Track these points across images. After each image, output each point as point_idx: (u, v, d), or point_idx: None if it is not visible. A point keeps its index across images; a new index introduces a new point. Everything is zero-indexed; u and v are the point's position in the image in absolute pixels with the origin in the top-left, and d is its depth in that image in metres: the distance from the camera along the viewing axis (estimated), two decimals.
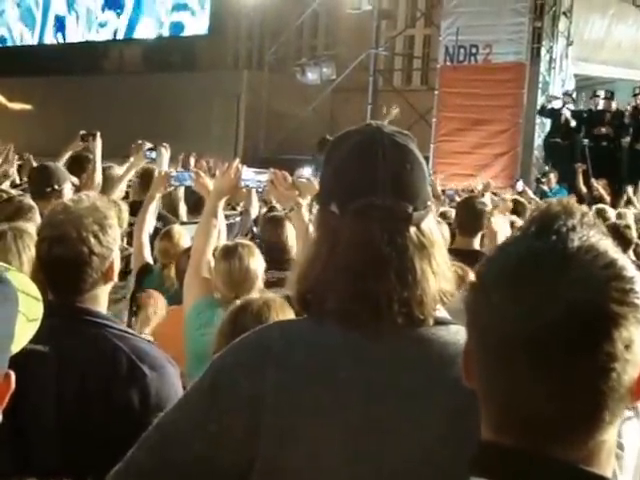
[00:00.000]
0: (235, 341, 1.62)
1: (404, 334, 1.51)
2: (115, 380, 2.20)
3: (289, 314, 2.37)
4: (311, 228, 3.06)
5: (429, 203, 1.59)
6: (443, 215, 7.51)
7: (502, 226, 5.19)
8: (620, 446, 2.18)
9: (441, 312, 1.59)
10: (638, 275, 1.06)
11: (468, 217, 5.29)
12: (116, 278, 2.41)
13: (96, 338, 2.25)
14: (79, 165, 6.14)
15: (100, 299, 2.33)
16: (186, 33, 21.72)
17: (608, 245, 1.07)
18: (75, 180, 5.48)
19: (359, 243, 1.51)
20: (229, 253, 3.50)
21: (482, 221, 5.21)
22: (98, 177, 6.21)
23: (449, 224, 6.47)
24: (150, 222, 4.82)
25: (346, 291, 1.51)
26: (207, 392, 1.55)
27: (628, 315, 1.03)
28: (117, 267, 2.38)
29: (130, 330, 2.50)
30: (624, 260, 1.07)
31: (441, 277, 1.56)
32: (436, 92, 17.41)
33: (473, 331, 1.11)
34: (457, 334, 1.54)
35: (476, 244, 5.15)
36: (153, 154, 6.41)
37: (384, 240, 1.51)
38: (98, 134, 6.55)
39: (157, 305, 3.99)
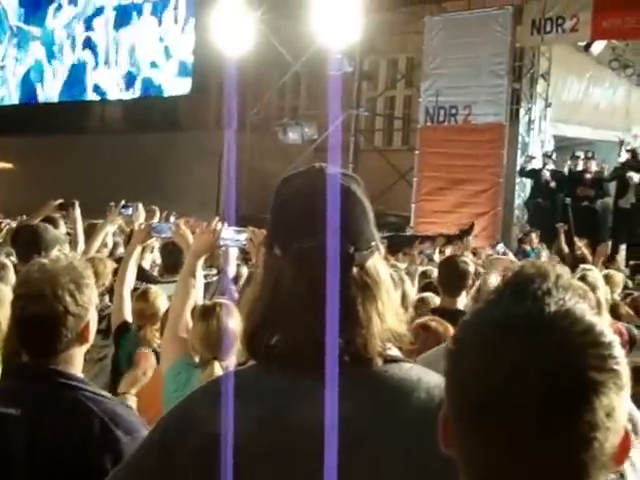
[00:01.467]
0: (188, 394, 1.64)
1: (351, 374, 1.47)
2: (88, 444, 2.16)
3: None
4: None
5: (373, 244, 1.58)
6: (424, 274, 7.49)
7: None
8: None
9: (392, 351, 1.58)
10: (616, 340, 1.04)
11: (451, 277, 5.22)
12: (92, 339, 2.35)
13: (69, 401, 2.20)
14: None
15: (75, 360, 2.28)
16: (168, 93, 21.91)
17: (585, 309, 1.05)
18: (64, 239, 5.44)
19: (300, 286, 1.51)
20: (207, 313, 3.42)
21: (466, 280, 5.14)
22: (81, 245, 6.23)
23: (430, 283, 6.44)
24: (132, 276, 4.71)
25: (290, 333, 1.52)
26: (159, 443, 1.55)
27: (608, 382, 1.01)
28: (93, 328, 2.33)
29: (105, 393, 2.44)
30: (602, 325, 1.04)
31: (388, 317, 1.54)
32: (417, 152, 17.60)
33: (450, 398, 1.08)
34: (410, 371, 1.53)
35: (460, 304, 5.06)
36: (129, 210, 6.42)
37: (324, 282, 1.48)
38: (77, 204, 6.55)
39: (147, 366, 3.87)
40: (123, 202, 6.52)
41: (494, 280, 5.42)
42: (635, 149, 15.59)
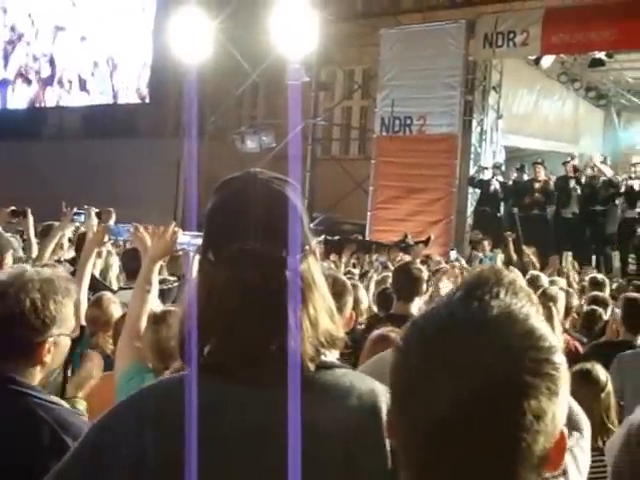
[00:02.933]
0: (119, 402, 1.60)
1: (282, 380, 1.46)
2: (37, 451, 2.13)
3: None
4: None
5: (307, 247, 1.56)
6: (382, 281, 7.64)
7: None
8: None
9: (327, 356, 1.56)
10: (557, 345, 1.06)
11: (405, 283, 5.32)
12: (51, 365, 2.31)
13: (19, 408, 2.19)
14: None
15: (27, 370, 2.25)
16: (127, 100, 21.96)
17: (529, 313, 1.05)
18: (16, 245, 5.48)
19: (233, 290, 1.49)
20: (157, 321, 3.37)
21: (419, 287, 5.26)
22: (34, 251, 6.27)
23: (386, 289, 6.59)
24: (88, 279, 4.57)
25: (222, 340, 1.49)
26: (89, 453, 1.51)
27: (540, 386, 1.02)
28: (55, 353, 2.27)
29: (56, 399, 2.39)
30: (544, 329, 1.05)
31: (321, 321, 1.53)
32: (373, 161, 17.86)
33: (393, 394, 1.09)
34: (343, 377, 1.53)
35: (413, 309, 5.14)
36: (82, 217, 6.43)
37: (256, 286, 1.48)
38: (29, 211, 6.59)
39: (92, 368, 3.60)
40: (75, 209, 6.52)
41: (445, 287, 5.61)
42: (570, 162, 16.00)
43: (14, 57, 23.94)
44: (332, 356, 1.59)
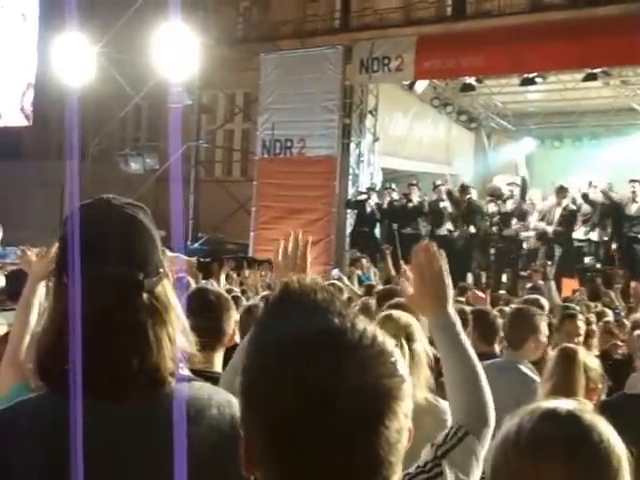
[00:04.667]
0: None
1: (146, 394, 1.53)
2: None
3: None
4: None
5: (162, 270, 1.61)
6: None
7: None
8: None
9: (184, 371, 1.63)
10: (392, 343, 1.09)
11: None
12: None
13: None
14: None
15: None
16: (10, 120, 21.73)
17: (363, 320, 1.07)
18: None
19: (91, 311, 1.52)
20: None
21: None
22: None
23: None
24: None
25: (83, 359, 1.50)
26: None
27: (401, 386, 1.04)
28: None
29: None
30: (381, 334, 1.07)
31: (178, 339, 1.60)
32: (254, 183, 18.26)
33: (261, 423, 1.05)
34: (201, 389, 1.61)
35: None
36: None
37: (115, 308, 1.53)
38: None
39: None
40: None
41: None
42: (447, 187, 16.67)
43: None
44: (187, 371, 1.67)
